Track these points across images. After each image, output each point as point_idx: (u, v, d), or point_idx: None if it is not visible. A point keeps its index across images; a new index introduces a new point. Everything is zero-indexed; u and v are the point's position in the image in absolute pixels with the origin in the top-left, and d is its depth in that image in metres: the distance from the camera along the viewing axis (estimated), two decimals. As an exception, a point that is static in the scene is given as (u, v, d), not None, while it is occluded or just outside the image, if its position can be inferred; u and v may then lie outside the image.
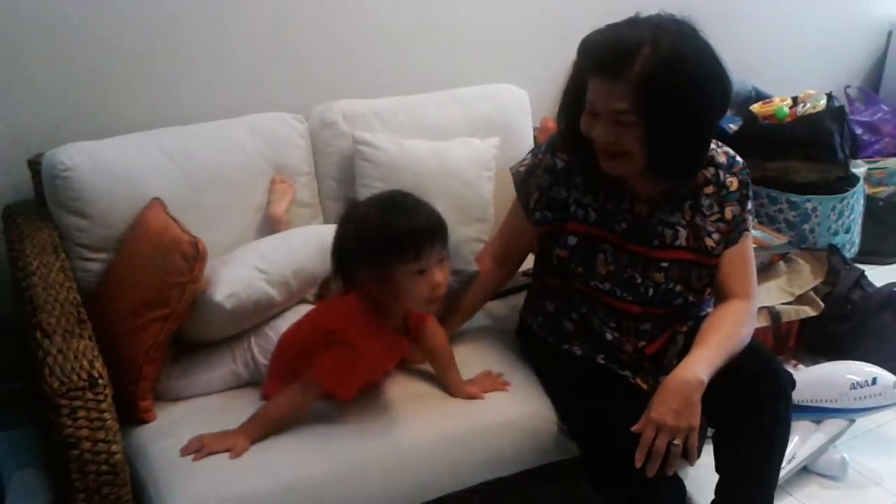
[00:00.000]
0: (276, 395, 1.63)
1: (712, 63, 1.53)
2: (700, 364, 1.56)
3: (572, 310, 1.78)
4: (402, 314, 1.65)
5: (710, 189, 1.69)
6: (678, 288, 1.71)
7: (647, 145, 1.54)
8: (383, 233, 1.51)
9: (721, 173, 1.69)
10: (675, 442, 1.51)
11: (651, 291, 1.71)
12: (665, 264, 1.69)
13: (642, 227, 1.69)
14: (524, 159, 1.89)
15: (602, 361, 1.76)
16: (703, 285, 1.73)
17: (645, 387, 1.74)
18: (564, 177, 1.73)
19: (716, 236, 1.69)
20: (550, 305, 1.83)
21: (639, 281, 1.71)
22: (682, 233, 1.69)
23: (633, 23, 1.55)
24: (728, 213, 1.69)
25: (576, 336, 1.79)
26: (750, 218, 1.72)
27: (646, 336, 1.76)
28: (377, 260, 1.52)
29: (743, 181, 1.71)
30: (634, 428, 1.54)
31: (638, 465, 1.52)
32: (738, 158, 1.72)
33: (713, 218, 1.69)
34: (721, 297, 1.73)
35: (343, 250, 1.58)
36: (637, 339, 1.76)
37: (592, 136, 1.57)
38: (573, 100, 1.62)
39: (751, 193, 1.73)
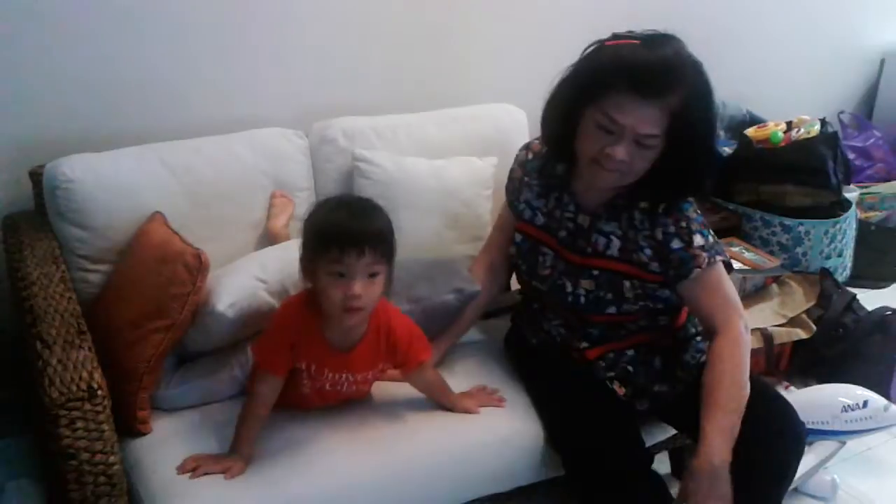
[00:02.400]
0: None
1: (714, 94, 1.56)
2: (718, 440, 1.54)
3: (531, 306, 1.88)
4: (350, 331, 1.61)
5: (644, 205, 1.67)
6: (608, 296, 1.72)
7: (652, 166, 1.56)
8: (315, 227, 1.51)
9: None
10: None
11: (582, 299, 1.73)
12: (595, 272, 1.72)
13: (582, 236, 1.72)
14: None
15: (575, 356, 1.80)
16: (637, 296, 1.71)
17: (621, 392, 1.77)
18: (529, 167, 1.82)
19: (648, 252, 1.68)
20: (522, 304, 1.96)
21: (569, 290, 1.74)
22: (616, 243, 1.70)
23: (662, 43, 1.51)
24: (659, 234, 1.66)
25: (542, 339, 1.87)
26: (703, 255, 1.64)
27: (590, 339, 1.78)
28: (308, 250, 1.52)
29: (675, 208, 1.65)
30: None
31: None
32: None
33: (645, 233, 1.67)
34: (705, 329, 1.74)
35: None
36: (581, 339, 1.79)
37: (605, 155, 1.53)
38: (573, 110, 1.58)
39: (698, 229, 1.65)
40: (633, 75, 1.47)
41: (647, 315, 1.77)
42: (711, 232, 1.69)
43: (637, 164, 1.55)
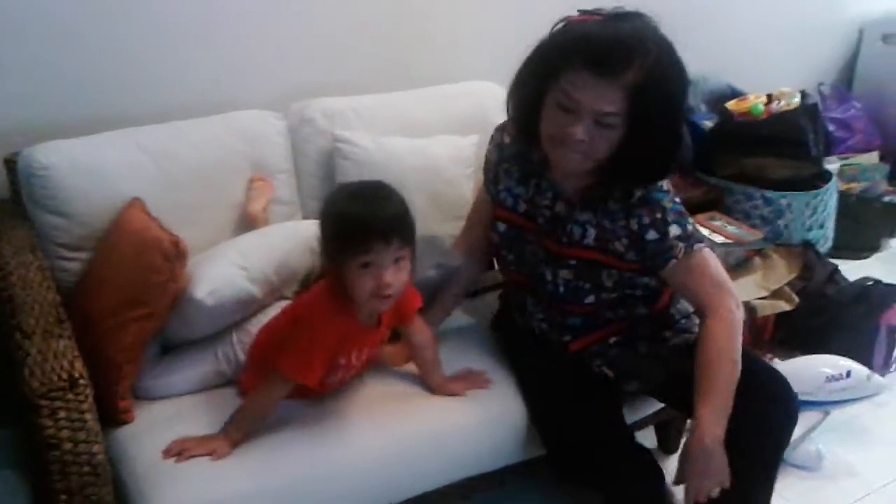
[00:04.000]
0: (250, 393, 1.63)
1: (686, 74, 1.53)
2: (711, 420, 1.54)
3: (516, 298, 1.85)
4: (380, 311, 1.62)
5: (618, 194, 1.63)
6: (587, 286, 1.71)
7: (615, 149, 1.52)
8: (338, 220, 1.49)
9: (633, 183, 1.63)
10: (715, 492, 1.56)
11: (561, 288, 1.72)
12: (573, 262, 1.70)
13: (559, 224, 1.70)
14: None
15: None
16: (616, 284, 1.70)
17: (610, 374, 1.78)
18: (506, 153, 1.76)
19: (625, 241, 1.65)
20: (507, 291, 1.93)
21: (549, 278, 1.72)
22: (591, 232, 1.67)
23: (625, 20, 1.49)
24: (634, 224, 1.63)
25: (526, 326, 1.85)
26: (680, 245, 1.62)
27: (572, 331, 1.78)
28: (330, 248, 1.50)
29: (649, 199, 1.62)
30: (673, 481, 1.59)
31: None
32: (663, 184, 1.65)
33: (620, 223, 1.64)
34: (696, 311, 1.73)
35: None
36: (563, 332, 1.79)
37: (565, 133, 1.50)
38: (535, 89, 1.55)
39: (674, 219, 1.62)
40: (588, 52, 1.45)
41: (626, 302, 1.76)
42: (690, 220, 1.66)
43: (598, 145, 1.50)
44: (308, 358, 1.53)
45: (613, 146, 1.51)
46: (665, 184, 1.65)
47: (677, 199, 1.66)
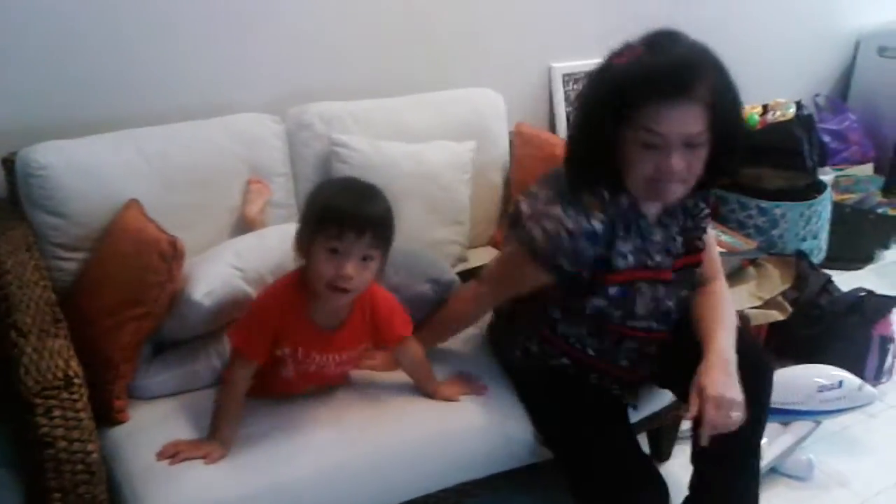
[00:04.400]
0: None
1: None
2: (727, 346, 1.62)
3: (585, 347, 1.73)
4: (337, 310, 1.62)
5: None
6: (684, 293, 1.73)
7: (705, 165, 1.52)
8: (319, 204, 1.52)
9: None
10: (734, 415, 1.54)
11: (674, 314, 1.72)
12: (674, 275, 1.70)
13: (666, 252, 1.67)
14: (535, 219, 1.60)
15: (594, 381, 1.77)
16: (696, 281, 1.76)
17: (631, 398, 1.80)
18: (605, 237, 1.58)
19: (705, 228, 1.74)
20: (534, 346, 1.78)
21: (669, 307, 1.70)
22: (680, 240, 1.69)
23: (667, 42, 1.48)
24: (706, 206, 1.72)
25: (568, 365, 1.77)
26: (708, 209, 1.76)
27: (653, 362, 1.79)
28: (307, 224, 1.52)
29: None
30: (688, 415, 1.56)
31: (704, 444, 1.55)
32: None
33: (702, 215, 1.71)
34: (701, 280, 1.78)
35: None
36: (648, 366, 1.78)
37: (663, 170, 1.47)
38: (607, 141, 1.51)
39: None
40: (656, 84, 1.43)
41: None
42: None
43: (695, 166, 1.49)
44: (249, 329, 1.58)
45: (704, 163, 1.51)
46: None
47: None
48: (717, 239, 2.60)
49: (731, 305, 1.75)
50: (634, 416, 1.88)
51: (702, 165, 1.51)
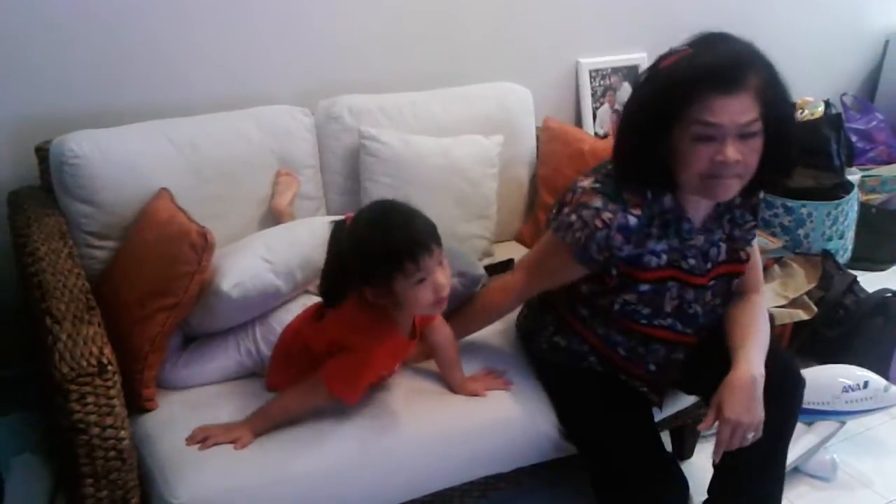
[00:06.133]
0: (284, 392, 1.65)
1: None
2: (757, 361, 1.61)
3: (615, 346, 1.74)
4: (410, 317, 1.65)
5: (738, 200, 1.67)
6: (719, 302, 1.72)
7: (760, 158, 1.52)
8: (383, 250, 1.49)
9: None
10: (749, 436, 1.57)
11: (702, 319, 1.71)
12: (712, 282, 1.69)
13: (702, 255, 1.67)
14: (576, 209, 1.62)
15: (622, 378, 1.78)
16: (736, 291, 1.75)
17: (656, 399, 1.79)
18: (638, 233, 1.58)
19: (751, 240, 1.73)
20: (562, 340, 1.79)
21: (695, 311, 1.70)
22: (723, 248, 1.69)
23: (715, 41, 1.50)
24: (755, 217, 1.73)
25: (596, 363, 1.78)
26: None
27: (679, 367, 1.78)
28: (380, 276, 1.51)
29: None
30: (702, 426, 1.59)
31: (716, 461, 1.59)
32: None
33: (748, 226, 1.71)
34: (741, 291, 1.76)
35: (338, 271, 1.55)
36: (675, 370, 1.77)
37: (718, 162, 1.47)
38: (661, 137, 1.52)
39: None
40: (709, 77, 1.44)
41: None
42: None
43: (750, 159, 1.49)
44: (357, 382, 1.59)
45: (759, 156, 1.51)
46: None
47: None
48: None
49: (766, 319, 1.73)
50: (658, 414, 1.89)
51: (756, 160, 1.50)
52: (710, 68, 1.45)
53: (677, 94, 1.47)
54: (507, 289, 1.81)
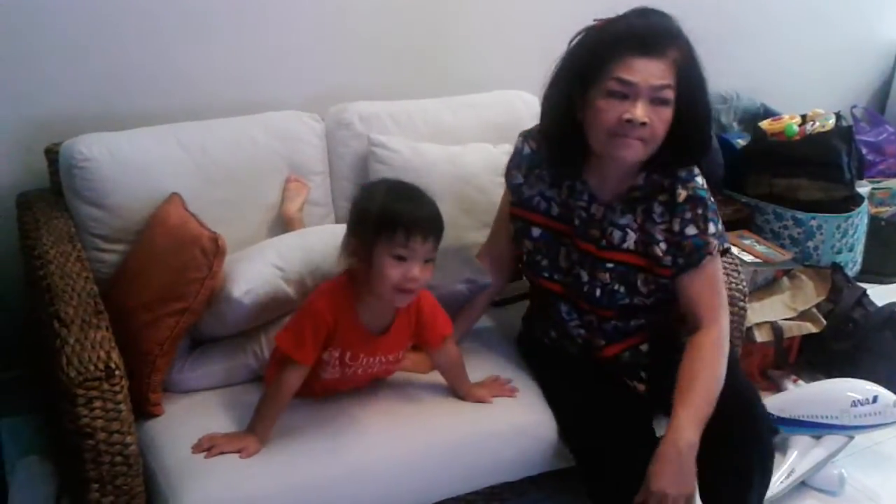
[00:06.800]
0: (267, 384, 1.65)
1: None
2: (688, 425, 1.56)
3: (549, 308, 1.82)
4: (385, 313, 1.63)
5: (663, 197, 1.69)
6: (621, 289, 1.73)
7: (667, 130, 1.58)
8: (382, 209, 1.51)
9: (676, 184, 1.67)
10: None
11: (598, 291, 1.73)
12: (610, 265, 1.72)
13: (594, 226, 1.72)
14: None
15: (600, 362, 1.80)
16: (651, 291, 1.73)
17: (642, 388, 1.79)
18: (528, 164, 1.79)
19: (663, 246, 1.69)
20: (534, 305, 1.91)
21: (585, 279, 1.74)
22: (632, 236, 1.71)
23: (655, 12, 1.61)
24: (676, 225, 1.67)
25: (561, 337, 1.84)
26: (714, 242, 1.68)
27: (606, 337, 1.79)
28: (366, 232, 1.51)
29: (694, 197, 1.67)
30: (637, 499, 1.57)
31: None
32: (699, 179, 1.69)
33: (663, 226, 1.69)
34: (689, 322, 1.72)
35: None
36: (600, 338, 1.79)
37: (625, 120, 1.54)
38: (576, 92, 1.62)
39: (712, 217, 1.68)
40: (633, 38, 1.55)
41: (660, 308, 1.78)
42: (720, 218, 1.73)
43: (657, 127, 1.56)
44: (300, 333, 1.56)
45: (666, 127, 1.58)
46: (703, 182, 1.70)
47: (713, 199, 1.72)
48: (751, 249, 2.59)
49: (715, 363, 1.64)
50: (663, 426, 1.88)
51: (663, 130, 1.57)
52: (637, 32, 1.56)
53: (601, 51, 1.58)
54: (480, 252, 1.98)
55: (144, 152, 1.91)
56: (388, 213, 1.50)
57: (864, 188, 3.16)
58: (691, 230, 1.66)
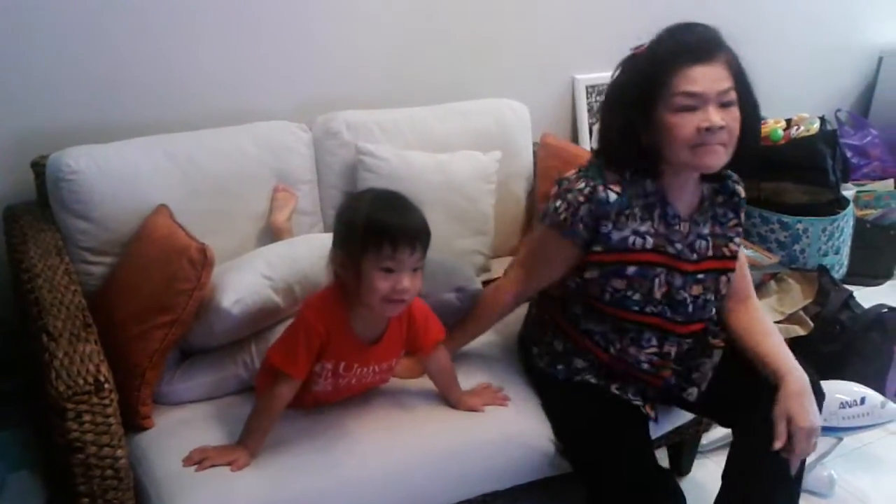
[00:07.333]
0: (258, 396, 1.64)
1: None
2: (797, 365, 1.67)
3: (608, 344, 1.76)
4: (377, 322, 1.63)
5: (720, 198, 1.76)
6: (710, 297, 1.75)
7: (740, 131, 1.61)
8: (368, 221, 1.49)
9: (728, 182, 1.77)
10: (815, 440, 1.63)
11: (691, 307, 1.73)
12: (701, 276, 1.73)
13: (686, 243, 1.72)
14: (560, 195, 1.70)
15: (616, 392, 1.76)
16: (726, 291, 1.79)
17: (652, 414, 1.78)
18: (619, 211, 1.65)
19: (737, 240, 1.78)
20: (559, 345, 1.82)
21: (680, 298, 1.72)
22: (710, 242, 1.74)
23: (693, 24, 1.63)
24: (742, 218, 1.79)
25: (590, 370, 1.78)
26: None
27: (676, 360, 1.78)
28: (352, 245, 1.50)
29: (738, 190, 1.79)
30: (778, 444, 1.60)
31: (794, 472, 1.65)
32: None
33: (732, 224, 1.77)
34: (736, 298, 1.82)
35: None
36: (669, 366, 1.78)
37: (703, 130, 1.54)
38: (635, 114, 1.61)
39: None
40: (688, 50, 1.57)
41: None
42: None
43: (733, 127, 1.58)
44: (293, 347, 1.55)
45: (739, 126, 1.60)
46: None
47: None
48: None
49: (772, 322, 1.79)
50: (656, 431, 1.88)
51: (738, 129, 1.59)
52: (688, 44, 1.58)
53: (659, 69, 1.58)
54: (505, 288, 1.84)
55: (131, 164, 1.90)
56: (374, 227, 1.49)
57: (849, 191, 3.18)
58: (742, 218, 1.80)
